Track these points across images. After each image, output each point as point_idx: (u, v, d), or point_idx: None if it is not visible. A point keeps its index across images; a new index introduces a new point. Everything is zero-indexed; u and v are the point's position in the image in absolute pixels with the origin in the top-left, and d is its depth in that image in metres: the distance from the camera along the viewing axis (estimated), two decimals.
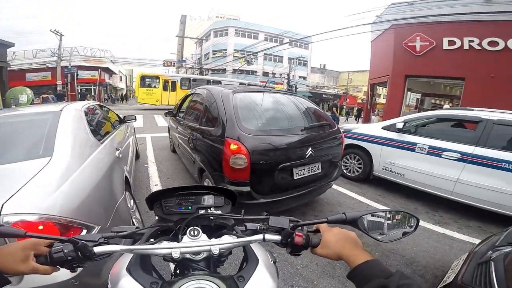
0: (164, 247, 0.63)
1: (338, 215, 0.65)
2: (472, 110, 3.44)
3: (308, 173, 2.49)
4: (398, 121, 3.81)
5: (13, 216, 1.04)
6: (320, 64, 44.25)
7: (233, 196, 0.90)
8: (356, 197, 3.68)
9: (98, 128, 2.51)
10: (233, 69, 31.00)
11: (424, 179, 3.41)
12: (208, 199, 0.87)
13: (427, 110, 8.03)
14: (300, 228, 0.67)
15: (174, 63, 29.54)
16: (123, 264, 0.66)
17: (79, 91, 22.04)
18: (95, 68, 25.66)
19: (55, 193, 1.23)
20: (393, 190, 3.94)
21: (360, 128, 4.45)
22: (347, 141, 4.12)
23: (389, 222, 0.69)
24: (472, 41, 8.89)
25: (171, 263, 0.95)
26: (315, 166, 2.55)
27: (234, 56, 30.28)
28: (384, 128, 4.00)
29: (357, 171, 4.30)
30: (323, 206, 3.26)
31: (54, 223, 1.11)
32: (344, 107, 21.94)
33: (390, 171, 3.79)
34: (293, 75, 28.62)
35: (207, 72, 29.59)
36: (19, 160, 1.45)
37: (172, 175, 4.12)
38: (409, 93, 11.87)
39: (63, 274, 1.10)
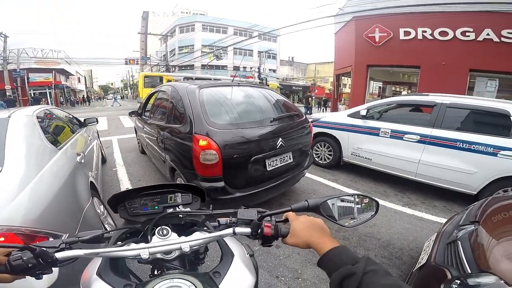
0: (131, 248, 0.62)
1: (301, 203, 0.66)
2: (428, 95, 3.70)
3: (281, 163, 2.53)
4: (362, 108, 4.01)
5: None
6: (289, 57, 45.06)
7: (201, 192, 0.88)
8: (329, 184, 3.83)
9: (55, 133, 2.34)
10: (201, 65, 30.26)
11: (390, 162, 3.63)
12: (175, 197, 0.85)
13: (388, 97, 8.54)
14: (268, 218, 0.67)
15: (137, 61, 28.03)
16: (93, 268, 0.64)
17: (32, 95, 20.00)
18: (48, 70, 23.47)
19: (12, 203, 1.16)
20: (363, 174, 4.16)
21: (328, 116, 4.61)
22: (316, 129, 4.28)
23: (359, 206, 0.70)
24: (425, 31, 9.48)
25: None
26: (286, 156, 2.60)
27: (202, 51, 29.54)
28: (349, 115, 4.18)
29: (328, 158, 4.48)
30: (299, 195, 3.36)
31: (16, 234, 1.06)
32: (313, 97, 22.54)
33: (358, 156, 4.00)
34: (263, 68, 28.71)
35: (173, 69, 28.55)
36: None
37: (143, 177, 3.96)
38: (371, 82, 12.48)
39: (38, 283, 1.04)
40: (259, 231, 0.65)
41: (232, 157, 2.14)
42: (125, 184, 3.68)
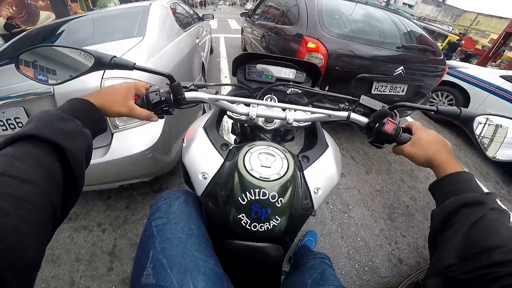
0: (246, 101, 0.60)
1: (451, 107, 0.52)
2: None
3: (389, 92, 2.19)
4: None
5: (112, 80, 1.16)
6: None
7: (316, 75, 0.83)
8: None
9: (182, 20, 2.65)
10: None
11: None
12: (289, 73, 0.82)
13: None
14: (393, 116, 0.56)
15: None
16: (200, 123, 0.67)
17: None
18: None
19: (145, 63, 1.37)
20: (472, 144, 3.25)
21: (470, 68, 3.60)
22: (446, 77, 3.47)
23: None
24: None
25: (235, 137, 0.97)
26: (400, 87, 2.22)
27: None
28: (503, 76, 3.20)
29: None
30: None
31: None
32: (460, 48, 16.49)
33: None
34: (395, 0, 22.89)
35: None
36: (118, 39, 1.62)
37: None
38: None
39: (138, 145, 1.25)
40: (377, 125, 0.56)
41: (338, 68, 1.97)
42: (225, 73, 4.11)
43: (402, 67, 2.07)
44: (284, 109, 0.62)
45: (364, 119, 0.59)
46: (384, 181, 2.24)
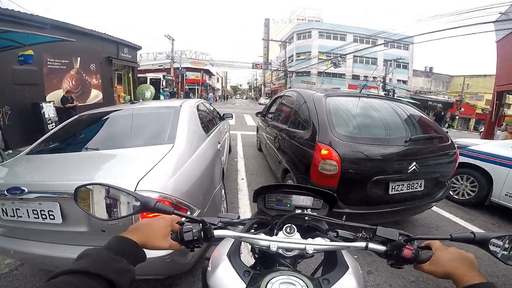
0: (266, 239, 0.66)
1: (464, 234, 0.59)
2: None
3: (407, 189, 2.19)
4: None
5: (143, 192, 1.17)
6: (426, 67, 38.04)
7: (332, 201, 0.89)
8: (460, 222, 3.09)
9: (205, 122, 2.77)
10: (318, 72, 30.20)
11: None
12: (307, 200, 0.88)
13: None
14: (410, 242, 0.64)
15: (261, 66, 31.26)
16: (224, 250, 0.71)
17: (185, 89, 26.11)
18: (198, 70, 29.79)
19: (174, 176, 1.43)
20: None
21: (481, 145, 3.63)
22: (460, 159, 3.45)
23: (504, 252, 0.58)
24: None
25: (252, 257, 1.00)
26: (417, 183, 2.23)
27: (319, 58, 29.42)
28: None
29: (468, 195, 3.56)
30: (417, 228, 2.84)
31: (169, 202, 1.29)
32: (457, 117, 17.15)
33: None
34: (390, 78, 25.39)
35: (291, 74, 29.86)
36: (151, 144, 1.79)
37: (256, 171, 4.40)
38: None
39: (159, 251, 1.29)
40: (395, 252, 0.62)
41: (352, 172, 2.03)
42: (242, 175, 4.19)
43: (414, 163, 2.11)
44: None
45: (382, 248, 0.64)
46: (418, 271, 2.03)
